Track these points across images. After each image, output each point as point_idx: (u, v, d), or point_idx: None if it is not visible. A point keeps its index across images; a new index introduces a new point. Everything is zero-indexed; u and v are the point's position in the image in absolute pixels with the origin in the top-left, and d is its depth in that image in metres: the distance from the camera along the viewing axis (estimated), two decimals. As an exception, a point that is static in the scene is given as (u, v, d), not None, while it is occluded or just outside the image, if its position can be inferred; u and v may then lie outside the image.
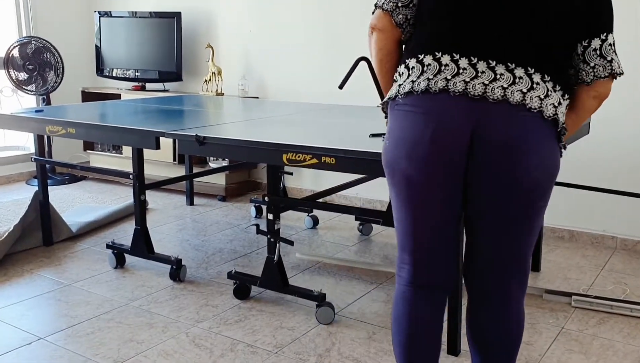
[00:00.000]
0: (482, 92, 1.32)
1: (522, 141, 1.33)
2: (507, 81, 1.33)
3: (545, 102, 1.34)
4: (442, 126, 1.34)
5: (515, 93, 1.32)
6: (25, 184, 4.76)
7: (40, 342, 2.23)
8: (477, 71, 1.33)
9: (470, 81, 1.33)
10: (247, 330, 2.32)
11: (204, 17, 4.66)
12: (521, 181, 1.35)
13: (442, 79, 1.35)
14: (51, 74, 4.57)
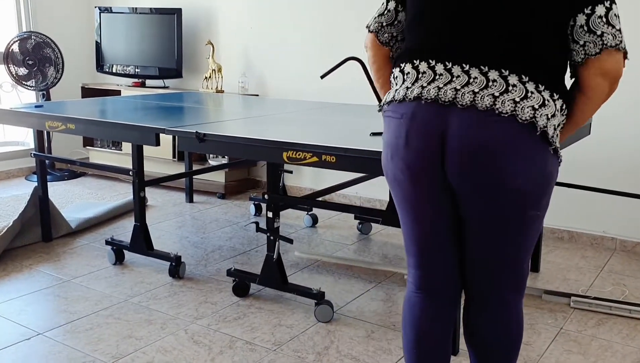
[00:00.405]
0: (452, 97, 1.31)
1: (493, 148, 1.28)
2: (479, 85, 1.29)
3: (521, 105, 1.28)
4: (413, 132, 1.37)
5: (486, 98, 1.28)
6: (24, 180, 4.75)
7: (39, 338, 2.23)
8: (452, 76, 1.32)
9: (443, 87, 1.32)
10: (245, 328, 2.32)
11: (204, 13, 4.65)
12: (500, 189, 1.31)
13: (418, 86, 1.37)
14: (51, 70, 4.56)
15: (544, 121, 1.29)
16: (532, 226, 1.40)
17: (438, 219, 1.45)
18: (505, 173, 1.30)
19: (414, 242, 1.50)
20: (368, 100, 3.88)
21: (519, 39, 1.30)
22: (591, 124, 2.74)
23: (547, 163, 1.33)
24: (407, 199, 1.46)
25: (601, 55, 1.30)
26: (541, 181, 1.34)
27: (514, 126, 1.28)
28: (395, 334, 2.28)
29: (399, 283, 2.78)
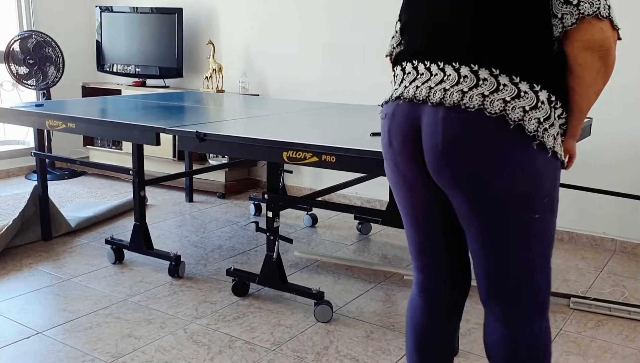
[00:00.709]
0: (426, 95, 1.30)
1: (460, 145, 1.24)
2: (451, 82, 1.27)
3: (490, 98, 1.22)
4: (393, 131, 1.38)
5: (455, 94, 1.25)
6: (24, 179, 4.75)
7: (38, 336, 2.23)
8: (430, 74, 1.31)
9: (421, 86, 1.32)
10: (245, 327, 2.32)
11: (205, 13, 4.65)
12: (476, 188, 1.26)
13: (402, 86, 1.37)
14: (51, 69, 4.56)
15: (518, 114, 1.22)
16: (528, 231, 1.29)
17: (432, 221, 1.42)
18: (477, 171, 1.25)
19: (412, 245, 1.50)
20: (368, 100, 3.88)
21: (487, 30, 1.25)
22: (591, 125, 2.74)
23: (533, 160, 1.25)
24: (401, 200, 1.45)
25: (581, 25, 1.21)
26: (527, 179, 1.25)
27: (482, 120, 1.23)
28: (394, 334, 2.28)
29: (398, 283, 2.78)
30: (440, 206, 1.40)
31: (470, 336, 2.28)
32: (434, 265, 1.48)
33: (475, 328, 2.34)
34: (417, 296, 1.53)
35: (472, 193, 1.28)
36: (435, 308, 1.51)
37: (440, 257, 1.46)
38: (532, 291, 1.35)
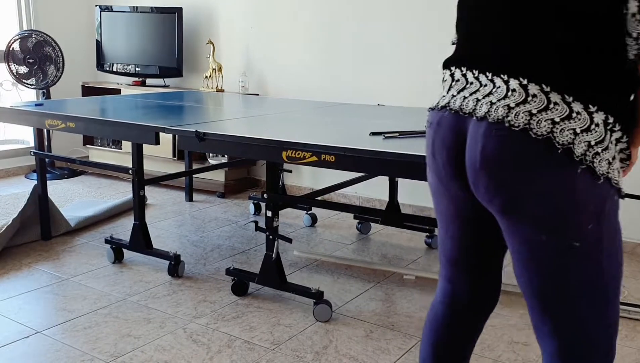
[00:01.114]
0: (472, 108, 1.22)
1: (499, 166, 1.17)
2: (499, 95, 1.18)
3: (538, 117, 1.13)
4: (437, 144, 1.32)
5: (500, 109, 1.17)
6: (24, 178, 4.75)
7: (37, 336, 2.23)
8: (480, 84, 1.23)
9: (468, 96, 1.24)
10: (244, 327, 2.32)
11: (205, 12, 4.65)
12: (512, 211, 1.20)
13: (449, 95, 1.30)
14: (51, 68, 4.56)
15: (567, 137, 1.12)
16: (566, 263, 1.18)
17: (469, 236, 1.38)
18: (512, 195, 1.18)
19: (444, 254, 1.45)
20: (368, 100, 3.88)
21: (541, 43, 1.16)
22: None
23: (574, 185, 1.14)
24: (441, 211, 1.41)
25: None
26: (565, 206, 1.15)
27: (525, 141, 1.14)
28: (393, 334, 2.29)
29: (397, 283, 2.78)
30: (480, 222, 1.35)
31: (469, 335, 2.28)
32: (464, 277, 1.43)
33: (474, 327, 2.35)
34: (440, 304, 1.49)
35: (506, 215, 1.22)
36: (457, 318, 1.47)
37: (472, 271, 1.42)
38: (579, 330, 1.22)
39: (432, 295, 2.64)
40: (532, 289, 1.25)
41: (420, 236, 3.41)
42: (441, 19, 3.64)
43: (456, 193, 1.33)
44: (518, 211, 1.19)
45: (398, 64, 3.83)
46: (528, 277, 1.24)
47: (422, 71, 3.74)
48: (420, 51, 3.73)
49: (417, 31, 3.73)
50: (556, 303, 1.22)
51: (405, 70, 3.81)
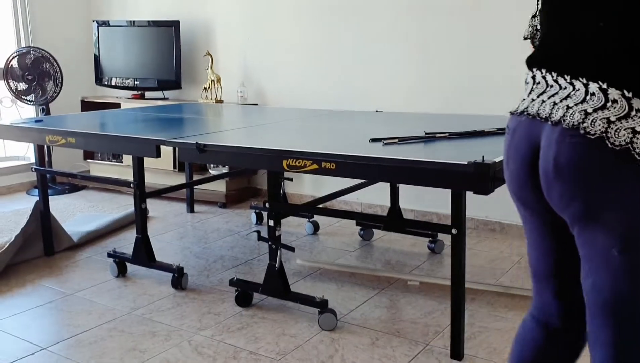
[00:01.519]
0: (548, 113, 1.18)
1: (572, 175, 1.12)
2: (577, 99, 1.13)
3: (617, 126, 1.08)
4: (511, 151, 1.29)
5: (577, 114, 1.12)
6: (25, 194, 4.76)
7: (43, 352, 2.22)
8: (560, 87, 1.18)
9: (546, 100, 1.20)
10: (249, 338, 2.31)
11: (202, 25, 4.67)
12: (583, 222, 1.16)
13: (529, 99, 1.27)
14: (50, 84, 4.57)
15: (625, 136, 1.07)
16: (622, 268, 1.15)
17: (545, 244, 1.34)
18: (585, 207, 1.14)
19: (530, 265, 1.41)
20: (366, 107, 3.89)
21: (626, 48, 1.11)
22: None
23: (637, 189, 1.10)
24: (522, 219, 1.37)
25: None
26: (629, 212, 1.11)
27: (602, 151, 1.09)
28: (399, 341, 2.28)
29: (402, 289, 2.77)
30: (558, 231, 1.31)
31: (475, 340, 2.27)
32: (546, 292, 1.39)
33: (480, 331, 2.34)
34: (528, 318, 1.45)
35: (579, 224, 1.19)
36: (544, 336, 1.40)
37: (551, 281, 1.38)
38: (638, 342, 1.19)
39: (436, 300, 2.64)
40: (600, 299, 1.20)
41: (423, 242, 3.40)
42: (440, 25, 3.65)
43: (532, 202, 1.29)
44: (592, 221, 1.15)
45: (395, 71, 3.84)
46: (598, 287, 1.20)
47: (419, 77, 3.75)
48: (418, 56, 3.74)
49: (414, 37, 3.74)
50: (623, 315, 1.19)
51: (402, 76, 3.81)
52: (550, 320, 1.39)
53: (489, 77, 3.51)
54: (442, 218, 3.76)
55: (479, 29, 3.51)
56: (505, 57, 3.45)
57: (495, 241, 3.45)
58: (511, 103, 3.63)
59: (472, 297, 2.64)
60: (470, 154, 1.95)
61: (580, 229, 1.19)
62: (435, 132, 2.35)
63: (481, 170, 1.78)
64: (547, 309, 1.39)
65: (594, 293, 1.22)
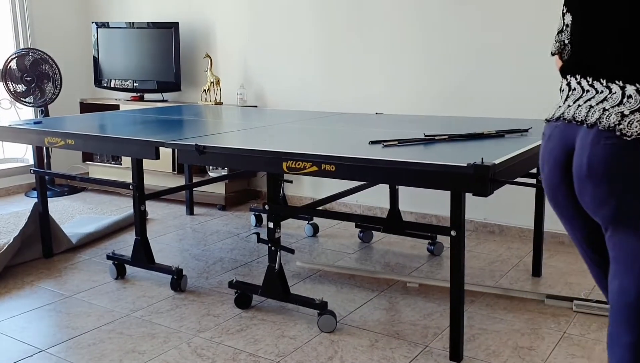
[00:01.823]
0: (584, 116, 1.21)
1: (606, 176, 1.15)
2: (614, 102, 1.16)
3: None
4: (546, 156, 1.33)
5: (613, 116, 1.14)
6: (24, 196, 4.75)
7: (41, 354, 2.22)
8: (596, 91, 1.22)
9: (582, 104, 1.23)
10: (248, 340, 2.31)
11: (201, 27, 4.67)
12: (613, 221, 1.20)
13: (565, 105, 1.30)
14: (49, 86, 4.57)
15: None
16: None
17: (585, 246, 1.39)
18: (618, 206, 1.16)
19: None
20: (366, 109, 3.89)
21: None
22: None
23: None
24: (558, 217, 1.42)
25: None
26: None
27: (637, 150, 1.13)
28: (399, 342, 2.28)
29: (401, 291, 2.77)
30: (588, 225, 1.35)
31: (474, 342, 2.28)
32: (596, 278, 1.44)
33: (479, 333, 2.34)
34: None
35: (611, 226, 1.21)
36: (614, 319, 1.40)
37: (597, 271, 1.42)
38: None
39: (436, 302, 2.64)
40: (625, 301, 1.22)
41: (422, 244, 3.40)
42: (439, 29, 3.66)
43: (564, 207, 1.33)
44: (623, 224, 1.17)
45: (395, 73, 3.84)
46: (625, 289, 1.21)
47: (419, 80, 3.75)
48: (418, 59, 3.74)
49: (414, 40, 3.74)
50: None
51: (402, 79, 3.82)
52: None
53: (488, 80, 3.52)
54: (442, 220, 3.76)
55: (478, 33, 3.52)
56: (505, 61, 3.46)
57: (494, 244, 3.45)
58: (510, 106, 3.67)
59: (471, 299, 2.65)
60: (469, 156, 1.95)
61: (612, 231, 1.21)
62: (435, 134, 2.35)
63: (480, 172, 1.78)
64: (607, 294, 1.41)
65: (620, 295, 1.23)
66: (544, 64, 3.33)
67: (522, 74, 3.41)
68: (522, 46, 3.39)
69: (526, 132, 2.46)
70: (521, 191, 3.25)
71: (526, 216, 3.34)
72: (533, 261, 2.95)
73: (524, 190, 3.24)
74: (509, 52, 3.44)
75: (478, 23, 3.52)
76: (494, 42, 3.47)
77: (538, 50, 3.33)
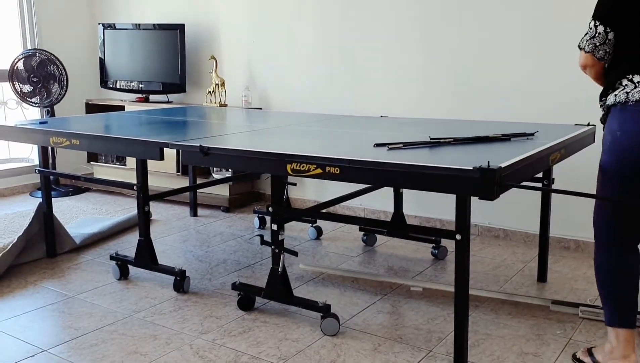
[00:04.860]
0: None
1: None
2: None
3: None
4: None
5: None
6: (29, 196, 4.76)
7: (43, 354, 2.22)
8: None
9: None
10: (251, 342, 2.30)
11: (207, 28, 4.68)
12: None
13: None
14: (55, 86, 4.58)
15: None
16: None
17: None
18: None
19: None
20: (371, 112, 3.88)
21: None
22: (595, 132, 2.73)
23: None
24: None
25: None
26: None
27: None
28: (402, 347, 2.26)
29: (404, 295, 2.76)
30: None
31: (479, 347, 2.26)
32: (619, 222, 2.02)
33: (483, 338, 2.32)
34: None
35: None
36: None
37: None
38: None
39: (439, 306, 2.62)
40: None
41: (426, 248, 3.39)
42: (444, 31, 3.65)
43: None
44: None
45: (400, 76, 3.83)
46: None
47: (424, 83, 3.74)
48: (423, 62, 3.74)
49: (420, 43, 3.74)
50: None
51: (407, 82, 3.81)
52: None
53: (494, 84, 3.51)
54: (446, 224, 3.75)
55: (484, 36, 3.51)
56: (510, 64, 3.44)
57: (498, 248, 3.43)
58: (516, 109, 3.64)
59: (476, 304, 2.63)
60: (475, 159, 1.94)
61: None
62: (440, 137, 2.34)
63: (486, 175, 1.77)
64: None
65: None
66: (552, 68, 3.32)
67: (529, 78, 3.39)
68: (529, 49, 3.37)
69: (532, 136, 2.45)
70: (526, 195, 3.24)
71: (531, 220, 3.33)
72: (538, 267, 2.93)
73: (529, 194, 3.22)
74: (515, 55, 3.43)
75: (483, 26, 3.50)
76: (501, 45, 3.46)
77: (545, 53, 3.32)
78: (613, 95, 1.97)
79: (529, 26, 3.37)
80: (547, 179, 2.76)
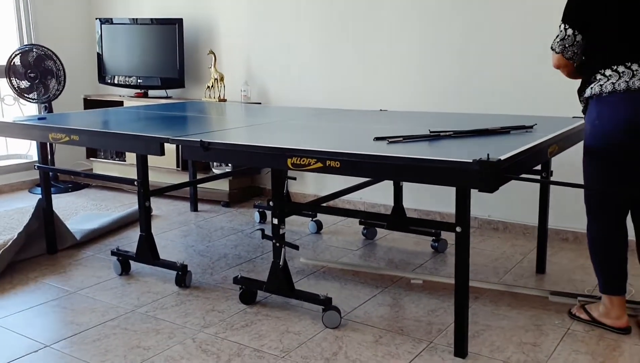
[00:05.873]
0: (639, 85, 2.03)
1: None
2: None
3: None
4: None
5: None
6: (28, 193, 4.76)
7: (46, 350, 2.23)
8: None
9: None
10: (253, 335, 2.32)
11: (205, 23, 4.67)
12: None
13: (637, 79, 2.05)
14: (53, 82, 4.58)
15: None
16: None
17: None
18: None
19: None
20: (370, 106, 3.89)
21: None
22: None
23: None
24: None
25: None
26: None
27: None
28: (403, 338, 2.28)
29: (405, 287, 2.77)
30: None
31: (479, 337, 2.28)
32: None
33: (484, 329, 2.34)
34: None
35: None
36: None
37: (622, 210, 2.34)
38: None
39: (440, 298, 2.64)
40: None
41: (426, 241, 3.40)
42: (443, 25, 3.65)
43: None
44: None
45: (400, 70, 3.84)
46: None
47: (424, 76, 3.75)
48: (422, 56, 3.74)
49: (419, 36, 3.74)
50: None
51: (407, 75, 3.81)
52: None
53: (493, 77, 3.51)
54: (446, 217, 3.76)
55: (483, 29, 3.51)
56: (509, 57, 3.45)
57: (498, 240, 3.45)
58: (515, 102, 3.68)
59: (476, 296, 2.65)
60: (475, 152, 1.95)
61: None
62: (440, 130, 2.35)
63: (486, 168, 1.78)
64: None
65: None
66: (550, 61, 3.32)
67: (528, 71, 3.40)
68: (529, 43, 3.38)
69: (531, 128, 2.46)
70: (525, 187, 3.25)
71: (530, 212, 3.34)
72: (537, 258, 2.95)
73: (528, 187, 3.24)
74: (514, 48, 3.43)
75: (483, 19, 3.51)
76: (499, 38, 3.47)
77: (544, 47, 3.32)
78: (589, 88, 2.16)
79: (528, 19, 3.37)
80: (546, 172, 2.77)
